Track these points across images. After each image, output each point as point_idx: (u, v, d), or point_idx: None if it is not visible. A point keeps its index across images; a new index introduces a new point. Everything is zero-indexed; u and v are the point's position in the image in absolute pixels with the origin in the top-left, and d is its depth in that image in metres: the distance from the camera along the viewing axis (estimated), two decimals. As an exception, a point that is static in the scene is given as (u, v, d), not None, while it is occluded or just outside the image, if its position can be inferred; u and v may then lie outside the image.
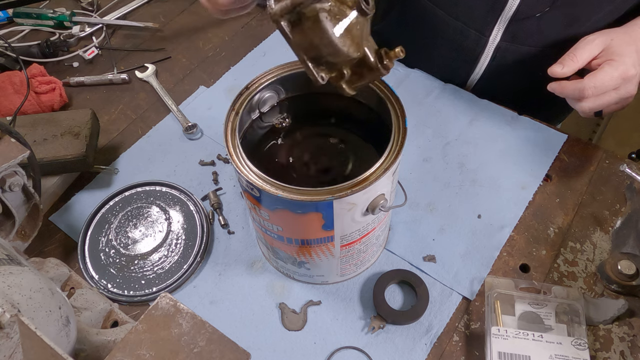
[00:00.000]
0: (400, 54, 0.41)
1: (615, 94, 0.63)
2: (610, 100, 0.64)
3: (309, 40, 0.39)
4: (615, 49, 0.63)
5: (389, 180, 0.50)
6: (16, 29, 0.95)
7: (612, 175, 0.72)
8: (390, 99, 0.53)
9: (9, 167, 0.53)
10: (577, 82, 0.63)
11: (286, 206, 0.48)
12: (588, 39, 0.65)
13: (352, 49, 0.39)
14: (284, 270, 0.64)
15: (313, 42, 0.39)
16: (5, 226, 0.57)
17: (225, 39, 0.94)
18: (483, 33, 0.75)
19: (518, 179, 0.72)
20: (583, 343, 0.56)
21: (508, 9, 0.71)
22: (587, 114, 0.65)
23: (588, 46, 0.64)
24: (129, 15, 0.99)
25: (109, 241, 0.68)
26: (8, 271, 0.39)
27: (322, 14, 0.38)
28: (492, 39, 0.75)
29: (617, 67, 0.62)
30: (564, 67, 0.64)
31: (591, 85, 0.62)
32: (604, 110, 0.65)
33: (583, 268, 0.65)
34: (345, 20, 0.39)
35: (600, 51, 0.64)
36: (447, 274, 0.64)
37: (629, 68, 0.62)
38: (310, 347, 0.60)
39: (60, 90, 0.82)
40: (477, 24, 0.75)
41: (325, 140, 0.59)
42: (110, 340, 0.48)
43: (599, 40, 0.64)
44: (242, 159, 0.49)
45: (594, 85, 0.62)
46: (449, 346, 0.60)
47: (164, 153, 0.78)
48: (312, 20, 0.38)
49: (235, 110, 0.53)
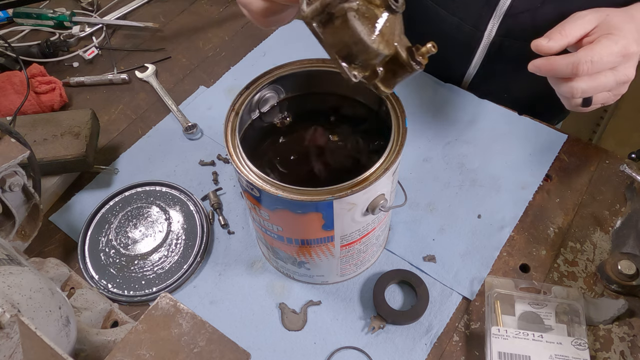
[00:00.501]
0: (432, 49, 0.41)
1: (612, 75, 0.54)
2: (605, 82, 0.54)
3: (340, 40, 0.40)
4: (614, 24, 0.55)
5: (389, 180, 0.50)
6: (16, 29, 0.95)
7: (612, 175, 0.72)
8: (390, 99, 0.53)
9: (9, 167, 0.53)
10: (569, 55, 0.54)
11: (286, 206, 0.48)
12: (579, 14, 0.57)
13: (382, 46, 0.40)
14: (284, 270, 0.64)
15: (343, 40, 0.40)
16: (5, 226, 0.57)
17: (225, 39, 0.94)
18: (478, 28, 0.75)
19: (518, 179, 0.72)
20: (583, 343, 0.56)
21: (502, 4, 0.70)
22: (576, 101, 0.57)
23: (579, 21, 0.56)
24: (129, 15, 0.99)
25: (109, 241, 0.68)
26: (8, 271, 0.39)
27: (350, 13, 0.38)
28: (487, 33, 0.75)
29: (617, 40, 0.53)
30: (550, 40, 0.55)
31: (587, 59, 0.52)
32: (594, 98, 0.57)
33: (583, 268, 0.65)
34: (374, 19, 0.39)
35: (593, 27, 0.56)
36: (447, 274, 0.64)
37: (630, 43, 0.53)
38: (310, 347, 0.60)
39: (60, 90, 0.82)
40: (472, 18, 0.74)
41: (325, 140, 0.59)
42: (110, 340, 0.48)
43: (592, 15, 0.56)
44: (242, 159, 0.49)
45: (591, 59, 0.52)
46: (449, 346, 0.60)
47: (164, 153, 0.78)
48: (341, 20, 0.39)
49: (235, 110, 0.53)
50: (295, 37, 0.91)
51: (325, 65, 0.56)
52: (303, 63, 0.56)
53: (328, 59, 0.55)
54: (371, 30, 0.39)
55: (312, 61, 0.56)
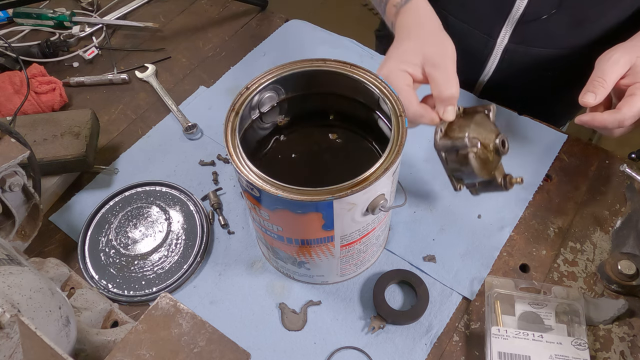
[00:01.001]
0: (521, 182, 0.58)
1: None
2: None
3: (458, 167, 0.56)
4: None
5: (389, 180, 0.50)
6: (16, 29, 0.95)
7: (612, 175, 0.72)
8: (390, 99, 0.53)
9: (9, 167, 0.53)
10: (615, 113, 0.57)
11: (286, 206, 0.48)
12: (612, 59, 0.59)
13: (484, 174, 0.56)
14: (284, 270, 0.64)
15: (460, 168, 0.56)
16: (5, 226, 0.57)
17: (225, 39, 0.94)
18: (491, 35, 0.75)
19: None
20: (583, 343, 0.56)
21: (515, 11, 0.71)
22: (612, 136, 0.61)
23: (615, 67, 0.58)
24: (129, 15, 0.99)
25: (109, 241, 0.68)
26: (8, 271, 0.39)
27: (471, 154, 0.54)
28: (500, 40, 0.75)
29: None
30: (597, 96, 0.58)
31: (631, 116, 0.56)
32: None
33: (583, 268, 0.65)
34: (486, 159, 0.55)
35: (627, 70, 0.59)
36: (447, 274, 0.64)
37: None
38: (310, 347, 0.60)
39: (60, 90, 0.82)
40: (485, 26, 0.75)
41: (325, 140, 0.59)
42: (110, 340, 0.48)
43: (624, 59, 0.59)
44: (242, 159, 0.49)
45: (633, 115, 0.56)
46: (449, 346, 0.60)
47: (164, 153, 0.78)
48: (463, 156, 0.55)
49: (235, 110, 0.53)
50: (295, 37, 0.91)
51: (325, 65, 0.56)
52: (303, 63, 0.56)
53: (328, 58, 0.56)
54: (482, 166, 0.55)
55: (312, 61, 0.56)
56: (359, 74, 0.55)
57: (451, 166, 0.57)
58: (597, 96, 0.58)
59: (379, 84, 0.54)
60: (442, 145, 0.55)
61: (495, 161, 0.57)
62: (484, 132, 0.55)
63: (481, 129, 0.55)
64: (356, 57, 0.88)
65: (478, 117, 0.56)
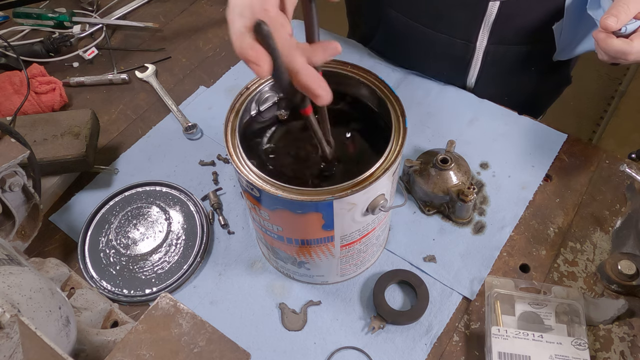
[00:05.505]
0: (472, 196, 0.65)
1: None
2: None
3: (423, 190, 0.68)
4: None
5: (389, 180, 0.50)
6: (16, 29, 0.95)
7: (612, 175, 0.72)
8: (390, 99, 0.53)
9: (9, 167, 0.53)
10: (625, 43, 0.56)
11: (286, 206, 0.48)
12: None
13: (439, 192, 0.66)
14: (284, 270, 0.64)
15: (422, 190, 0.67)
16: (5, 226, 0.57)
17: (225, 39, 0.94)
18: (470, 40, 0.76)
19: (518, 179, 0.72)
20: (583, 343, 0.56)
21: (489, 13, 0.71)
22: (607, 61, 0.61)
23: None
24: (129, 16, 0.99)
25: (109, 241, 0.68)
26: (8, 271, 0.39)
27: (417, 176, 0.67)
28: (479, 44, 0.76)
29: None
30: (619, 20, 0.56)
31: (637, 50, 0.56)
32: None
33: (583, 268, 0.65)
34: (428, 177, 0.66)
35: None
36: (447, 274, 0.64)
37: None
38: (310, 347, 0.60)
39: (60, 91, 0.82)
40: (463, 33, 0.76)
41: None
42: (110, 340, 0.48)
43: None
44: (242, 159, 0.49)
45: (638, 50, 0.56)
46: (449, 346, 0.60)
47: (164, 153, 0.78)
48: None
49: (235, 110, 0.53)
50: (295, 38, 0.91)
51: (325, 65, 0.56)
52: (303, 63, 0.56)
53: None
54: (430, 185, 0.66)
55: (312, 61, 0.56)
56: (359, 75, 0.55)
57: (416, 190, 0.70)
58: (619, 20, 0.56)
59: (379, 84, 0.54)
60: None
61: (443, 177, 0.66)
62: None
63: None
64: (356, 57, 0.88)
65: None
